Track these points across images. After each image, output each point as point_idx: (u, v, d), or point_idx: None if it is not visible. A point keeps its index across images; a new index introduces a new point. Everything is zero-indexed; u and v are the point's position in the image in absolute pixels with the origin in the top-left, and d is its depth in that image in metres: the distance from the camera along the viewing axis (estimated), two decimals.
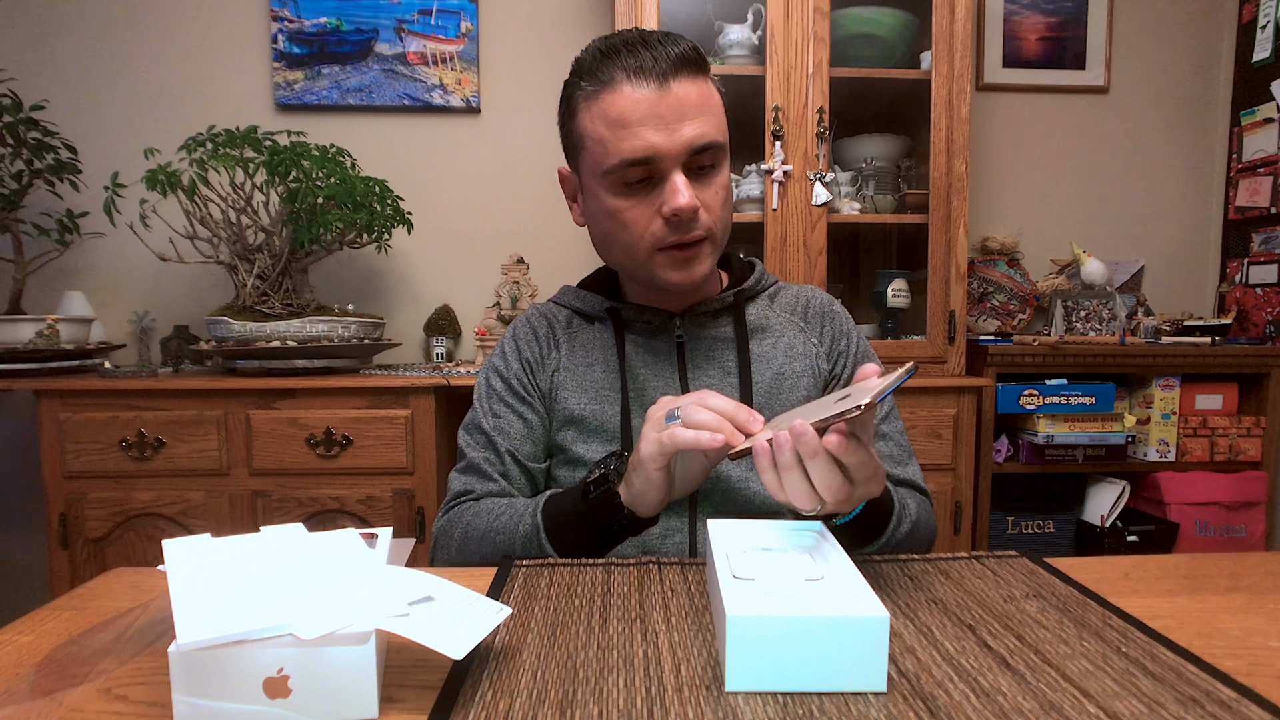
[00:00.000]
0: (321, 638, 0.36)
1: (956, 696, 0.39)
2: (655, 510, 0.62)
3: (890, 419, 0.81)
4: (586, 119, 0.70)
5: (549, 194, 1.97)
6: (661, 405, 0.60)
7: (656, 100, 0.66)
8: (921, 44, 1.71)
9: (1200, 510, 1.77)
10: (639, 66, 0.67)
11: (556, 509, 0.66)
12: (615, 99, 0.67)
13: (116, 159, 1.84)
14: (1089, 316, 1.93)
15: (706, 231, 0.71)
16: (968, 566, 0.59)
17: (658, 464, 0.58)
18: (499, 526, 0.69)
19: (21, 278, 1.68)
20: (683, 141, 0.67)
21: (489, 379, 0.82)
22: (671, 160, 0.67)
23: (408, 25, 1.89)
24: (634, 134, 0.67)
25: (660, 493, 0.60)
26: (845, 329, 0.84)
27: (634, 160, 0.67)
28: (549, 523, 0.65)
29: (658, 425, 0.58)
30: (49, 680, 0.42)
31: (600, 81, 0.68)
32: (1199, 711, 0.37)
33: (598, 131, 0.69)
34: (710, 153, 0.69)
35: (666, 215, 0.68)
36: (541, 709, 0.38)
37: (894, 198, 1.78)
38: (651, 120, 0.66)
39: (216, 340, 1.55)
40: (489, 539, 0.69)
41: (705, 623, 0.48)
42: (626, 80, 0.67)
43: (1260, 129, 1.98)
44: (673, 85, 0.67)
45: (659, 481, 0.59)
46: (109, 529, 1.49)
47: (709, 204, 0.71)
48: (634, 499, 0.61)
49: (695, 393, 0.58)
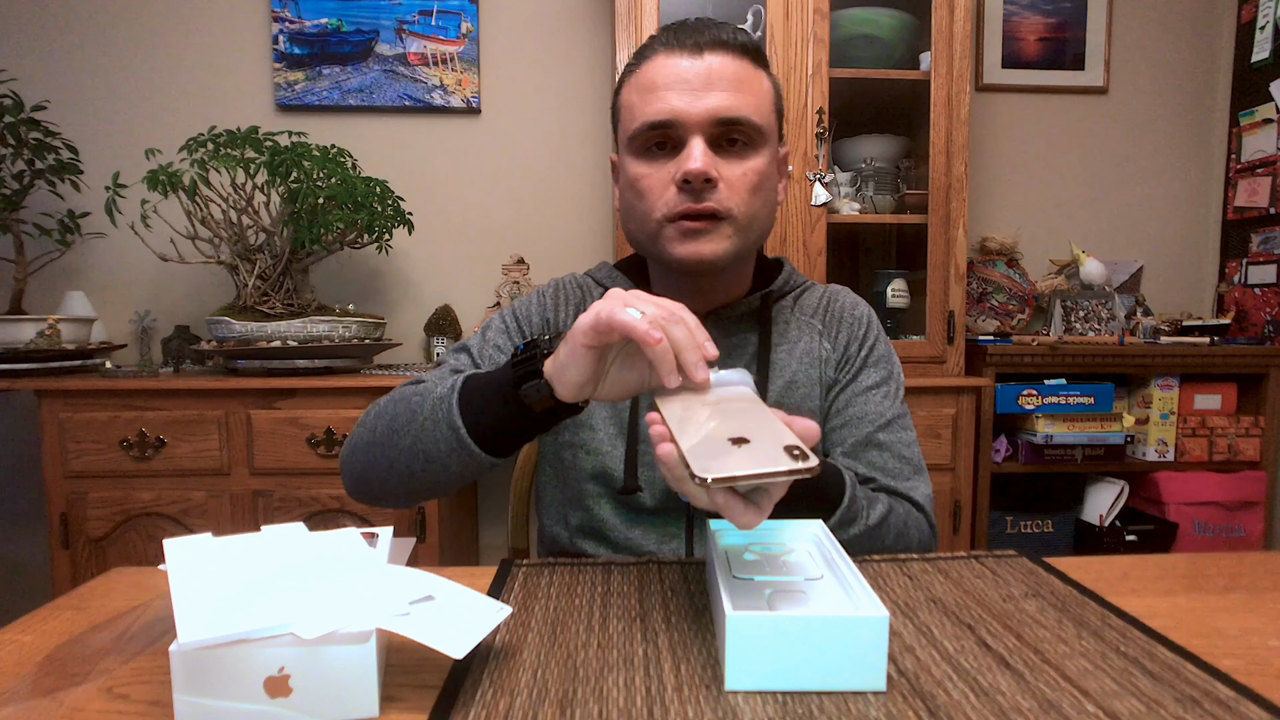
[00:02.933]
0: (322, 637, 0.36)
1: (956, 695, 0.39)
2: (573, 393, 0.54)
3: (893, 428, 0.75)
4: (625, 92, 0.72)
5: (549, 194, 1.98)
6: (634, 295, 0.53)
7: (687, 67, 0.66)
8: (921, 44, 1.71)
9: (1199, 510, 1.77)
10: (677, 40, 0.68)
11: (480, 376, 0.61)
12: (649, 67, 0.69)
13: (117, 159, 1.84)
14: (1088, 316, 1.93)
15: (724, 209, 0.68)
16: (967, 566, 0.59)
17: (589, 340, 0.51)
18: (420, 391, 0.63)
19: (23, 278, 1.68)
20: (706, 108, 0.66)
21: (501, 318, 0.80)
22: (692, 126, 0.66)
23: (408, 26, 1.89)
24: (658, 97, 0.67)
25: (582, 373, 0.52)
26: (860, 334, 0.79)
27: (655, 123, 0.67)
28: (466, 387, 0.60)
29: (610, 301, 0.51)
30: (50, 679, 0.43)
31: (642, 57, 0.70)
32: (1198, 711, 0.37)
33: (630, 100, 0.70)
34: (741, 129, 0.67)
35: (678, 180, 0.67)
36: (542, 708, 0.38)
37: (893, 198, 1.78)
38: (678, 85, 0.66)
39: (217, 340, 1.55)
40: (401, 403, 0.64)
41: (705, 622, 0.48)
42: (663, 51, 0.68)
43: (1259, 129, 1.98)
44: (706, 56, 0.67)
45: (584, 361, 0.52)
46: (110, 528, 1.49)
47: (731, 181, 0.68)
48: (555, 371, 0.54)
49: (675, 304, 0.51)
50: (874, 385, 0.77)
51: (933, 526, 0.74)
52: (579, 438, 0.76)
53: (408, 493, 0.66)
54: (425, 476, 0.63)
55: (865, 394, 0.77)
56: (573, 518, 0.78)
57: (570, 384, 0.53)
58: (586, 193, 1.98)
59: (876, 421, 0.75)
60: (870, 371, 0.78)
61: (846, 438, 0.75)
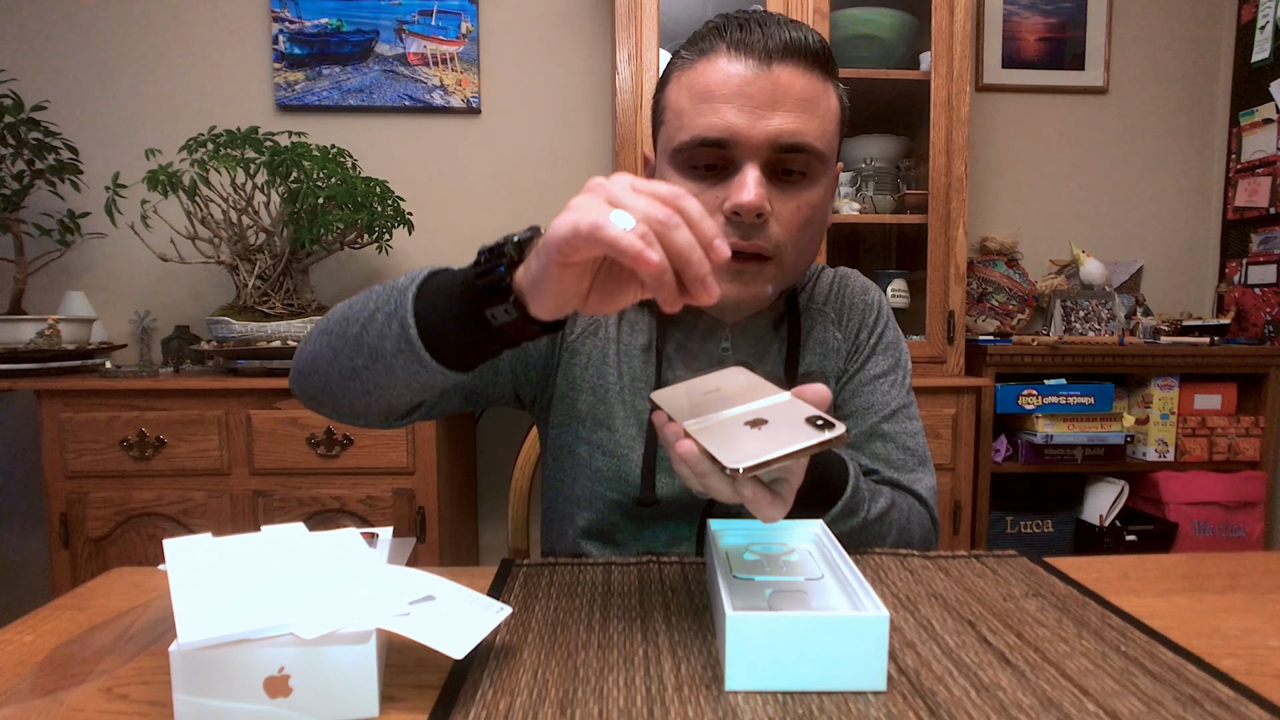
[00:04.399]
0: (322, 637, 0.36)
1: (956, 692, 0.39)
2: (552, 313, 0.44)
3: (898, 418, 0.74)
4: (674, 89, 0.64)
5: (549, 194, 1.98)
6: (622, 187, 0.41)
7: (750, 79, 0.59)
8: (921, 45, 1.71)
9: (1199, 510, 1.77)
10: (743, 41, 0.59)
11: (445, 276, 0.50)
12: (707, 69, 0.60)
13: (117, 159, 1.84)
14: (1088, 316, 1.93)
15: (772, 248, 0.62)
16: (967, 565, 0.59)
17: (565, 256, 0.40)
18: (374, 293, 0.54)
19: (23, 278, 1.68)
20: (767, 131, 0.59)
21: None
22: (749, 150, 0.59)
23: (408, 26, 1.89)
24: (714, 110, 0.59)
25: (560, 291, 0.43)
26: (870, 320, 0.77)
27: (707, 139, 0.59)
28: (427, 284, 0.50)
29: (592, 202, 0.40)
30: (50, 680, 0.43)
31: (700, 51, 0.62)
32: (1198, 710, 0.37)
33: (679, 103, 0.62)
34: (802, 158, 0.61)
35: (727, 211, 0.60)
36: (542, 708, 0.38)
37: (893, 198, 1.78)
38: (738, 99, 0.59)
39: (217, 340, 1.55)
40: (364, 294, 0.55)
41: (705, 622, 0.48)
42: (725, 53, 0.60)
43: (1259, 129, 1.98)
44: (775, 68, 0.59)
45: (562, 278, 0.42)
46: (110, 528, 1.49)
47: (784, 217, 0.62)
48: (528, 284, 0.44)
49: (673, 192, 0.41)
50: (881, 374, 0.76)
51: (935, 521, 0.73)
52: (595, 436, 0.73)
53: (346, 393, 0.57)
54: (368, 376, 0.53)
55: (872, 383, 0.76)
56: (580, 518, 0.75)
57: (547, 303, 0.43)
58: None
59: (881, 412, 0.74)
60: (878, 359, 0.77)
61: (851, 429, 0.74)
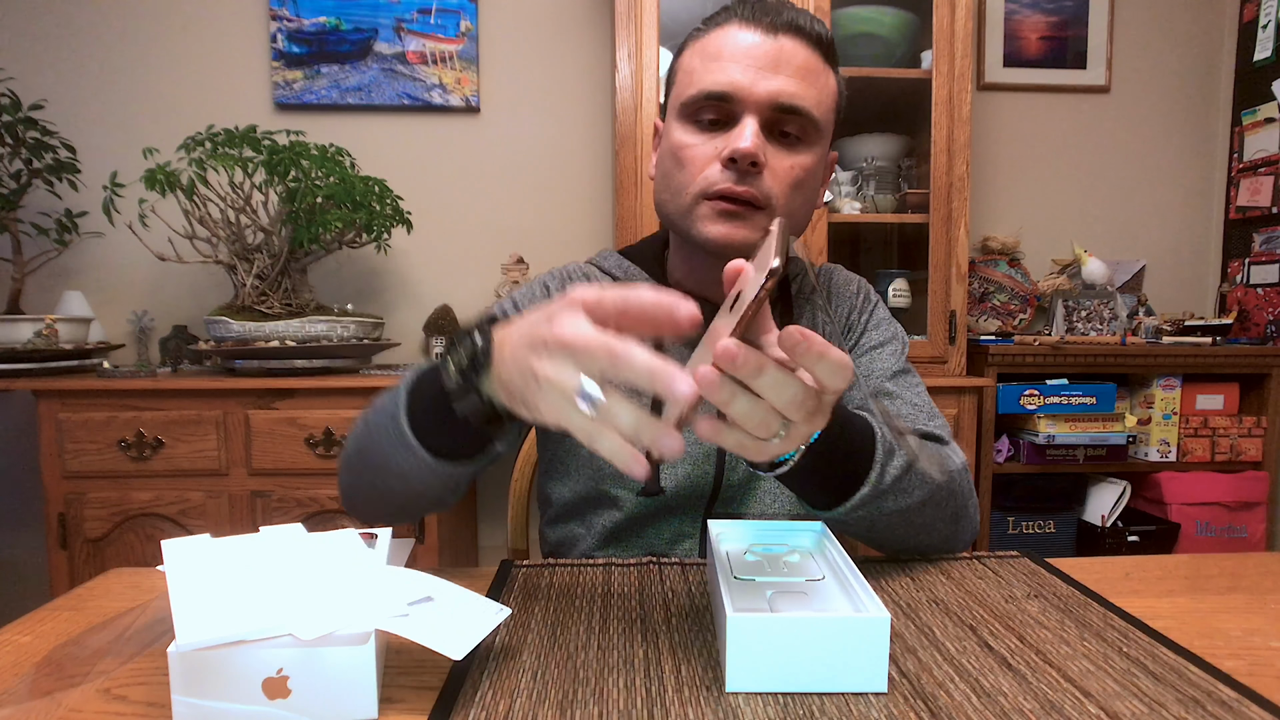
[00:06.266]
0: (321, 638, 0.36)
1: (958, 697, 0.38)
2: None
3: (900, 378, 0.74)
4: (688, 55, 0.69)
5: (549, 193, 1.97)
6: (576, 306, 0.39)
7: (757, 44, 0.64)
8: (922, 43, 1.71)
9: (1201, 510, 1.77)
10: (753, 13, 0.66)
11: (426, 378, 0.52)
12: (719, 35, 0.67)
13: (115, 158, 1.84)
14: (1090, 316, 1.93)
15: (763, 198, 0.65)
16: (969, 567, 0.59)
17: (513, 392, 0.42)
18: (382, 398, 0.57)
19: (20, 277, 1.68)
20: (767, 90, 0.64)
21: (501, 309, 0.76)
22: (750, 105, 0.64)
23: (407, 24, 1.89)
24: (721, 68, 0.65)
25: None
26: (859, 304, 0.79)
27: (712, 93, 0.65)
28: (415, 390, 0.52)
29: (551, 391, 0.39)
30: (48, 680, 0.42)
31: (714, 23, 0.68)
32: (1200, 712, 0.37)
33: (690, 64, 0.68)
34: (798, 121, 0.65)
35: (724, 158, 0.64)
36: (541, 709, 0.38)
37: (894, 197, 1.78)
38: (744, 59, 0.64)
39: (215, 340, 1.54)
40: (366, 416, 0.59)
41: (705, 623, 0.48)
42: (737, 21, 0.66)
43: (1261, 129, 1.98)
44: (780, 38, 0.65)
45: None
46: (108, 529, 1.49)
47: (777, 172, 0.66)
48: (499, 386, 0.44)
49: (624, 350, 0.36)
50: (877, 345, 0.77)
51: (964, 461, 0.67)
52: None
53: (389, 513, 0.62)
54: (403, 492, 0.57)
55: (869, 353, 0.77)
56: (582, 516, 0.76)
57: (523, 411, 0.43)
58: (586, 192, 1.98)
59: (883, 375, 0.74)
60: (872, 334, 0.78)
61: (854, 395, 0.75)
